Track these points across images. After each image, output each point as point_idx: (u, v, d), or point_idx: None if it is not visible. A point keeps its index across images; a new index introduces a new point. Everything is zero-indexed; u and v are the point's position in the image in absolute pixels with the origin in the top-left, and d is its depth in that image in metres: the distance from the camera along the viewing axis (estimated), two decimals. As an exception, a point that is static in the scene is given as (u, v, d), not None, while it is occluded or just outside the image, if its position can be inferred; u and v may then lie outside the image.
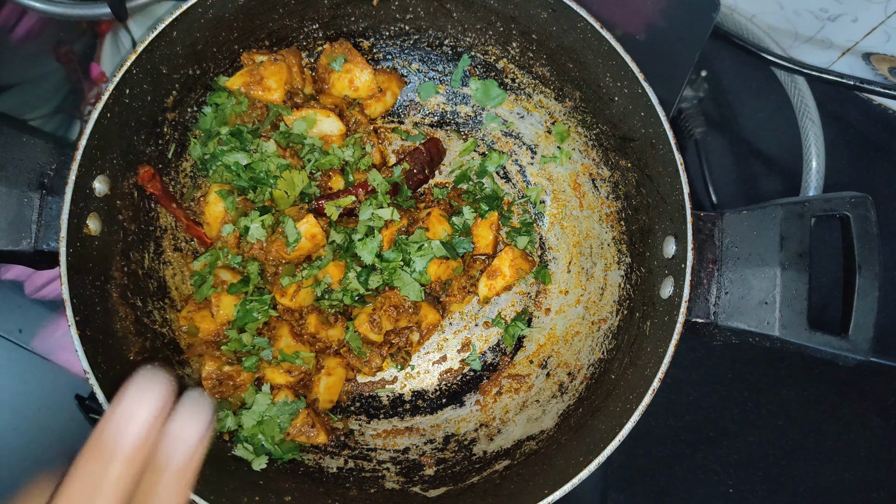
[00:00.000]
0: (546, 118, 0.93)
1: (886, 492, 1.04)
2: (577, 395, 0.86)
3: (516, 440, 0.86)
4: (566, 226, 0.95)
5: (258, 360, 0.83)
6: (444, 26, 0.90)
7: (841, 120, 1.11)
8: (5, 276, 0.96)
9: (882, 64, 1.02)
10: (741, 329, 0.74)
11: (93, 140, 0.73)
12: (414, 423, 0.91)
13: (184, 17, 0.77)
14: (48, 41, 1.01)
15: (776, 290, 0.73)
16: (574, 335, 0.91)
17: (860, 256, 0.73)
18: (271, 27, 0.87)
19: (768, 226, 0.74)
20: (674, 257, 0.76)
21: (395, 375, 0.93)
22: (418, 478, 0.85)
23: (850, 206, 0.74)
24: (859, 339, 0.72)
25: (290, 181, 0.83)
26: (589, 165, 0.92)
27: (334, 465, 0.86)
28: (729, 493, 1.05)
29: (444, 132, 0.97)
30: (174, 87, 0.83)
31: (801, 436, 1.06)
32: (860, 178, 1.10)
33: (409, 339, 0.90)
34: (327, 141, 0.88)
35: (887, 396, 1.06)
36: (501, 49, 0.90)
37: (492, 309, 0.95)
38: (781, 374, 1.07)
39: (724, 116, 1.12)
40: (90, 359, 0.69)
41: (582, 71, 0.84)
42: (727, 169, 1.11)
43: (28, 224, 0.74)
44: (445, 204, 0.92)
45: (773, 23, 1.06)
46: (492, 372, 0.93)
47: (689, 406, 1.07)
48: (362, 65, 0.89)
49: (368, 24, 0.91)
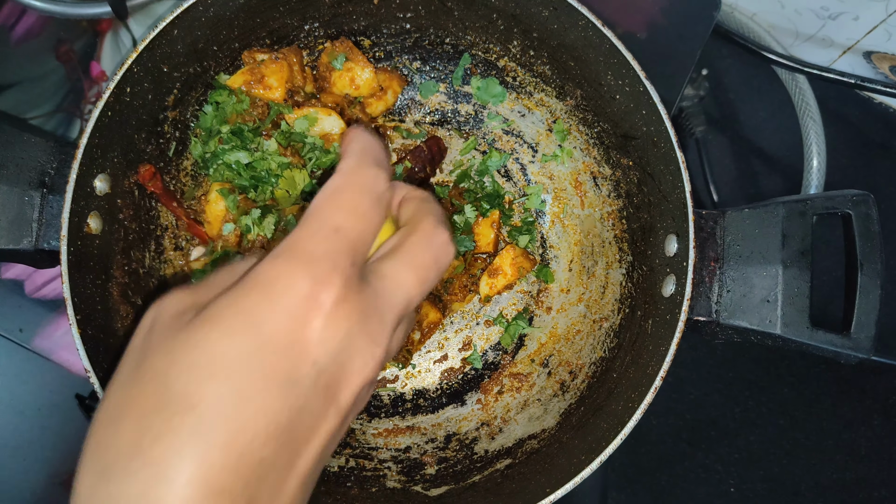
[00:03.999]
0: (547, 116, 0.93)
1: (887, 490, 1.04)
2: (579, 394, 0.86)
3: (518, 439, 0.86)
4: (567, 224, 0.95)
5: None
6: (445, 25, 0.90)
7: (842, 118, 1.11)
8: (6, 275, 0.96)
9: (883, 62, 1.02)
10: (743, 327, 0.74)
11: (93, 139, 0.73)
12: (415, 422, 0.91)
13: (184, 15, 0.77)
14: (48, 40, 1.01)
15: (778, 288, 0.73)
16: (575, 334, 0.91)
17: (862, 254, 0.73)
18: (272, 25, 0.86)
19: (770, 224, 0.74)
20: (675, 255, 0.76)
21: (397, 374, 0.93)
22: (420, 477, 0.85)
23: (852, 204, 0.74)
24: (861, 338, 0.72)
25: (291, 180, 0.83)
26: (590, 164, 0.91)
27: (335, 465, 0.86)
28: (730, 492, 1.05)
29: (446, 130, 0.97)
30: (175, 86, 0.83)
31: (803, 434, 1.06)
32: (861, 176, 1.10)
33: (411, 337, 0.90)
34: (328, 139, 0.88)
35: (889, 395, 1.06)
36: (502, 47, 0.90)
37: (493, 307, 0.95)
38: (783, 373, 1.07)
39: (725, 115, 1.12)
40: (91, 358, 0.69)
41: (583, 69, 0.84)
42: (728, 167, 1.11)
43: (29, 223, 0.74)
44: (447, 202, 0.92)
45: (774, 21, 1.06)
46: (493, 371, 0.93)
47: (691, 405, 1.07)
48: (363, 63, 0.89)
49: (369, 23, 0.91)
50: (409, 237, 0.47)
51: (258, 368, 0.38)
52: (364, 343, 0.41)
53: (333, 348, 0.40)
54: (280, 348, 0.39)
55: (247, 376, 0.38)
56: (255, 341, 0.38)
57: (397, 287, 0.44)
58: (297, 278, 0.40)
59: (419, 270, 0.45)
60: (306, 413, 0.39)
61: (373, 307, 0.42)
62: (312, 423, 0.40)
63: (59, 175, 0.75)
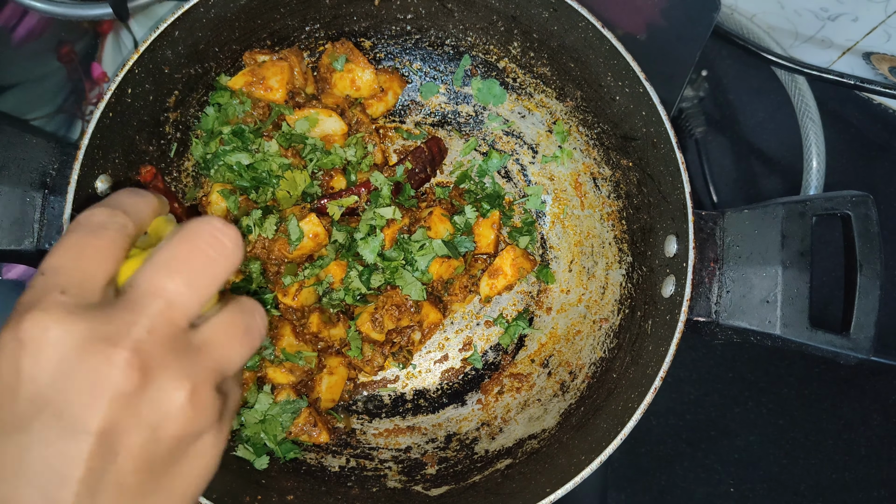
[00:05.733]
0: (547, 117, 0.94)
1: (887, 490, 1.04)
2: (579, 394, 0.86)
3: (518, 439, 0.86)
4: (567, 225, 0.95)
5: (260, 360, 0.83)
6: (445, 26, 0.90)
7: (841, 119, 1.11)
8: (8, 275, 0.96)
9: (882, 63, 1.03)
10: (743, 328, 0.74)
11: (95, 140, 0.73)
12: (416, 423, 0.91)
13: (185, 16, 0.77)
14: (50, 41, 1.01)
15: (777, 288, 0.73)
16: (575, 334, 0.91)
17: (861, 255, 0.73)
18: (273, 27, 0.87)
19: (769, 224, 0.74)
20: (675, 256, 0.76)
21: (397, 374, 0.93)
22: (420, 476, 0.85)
23: (851, 205, 0.74)
24: (860, 338, 0.72)
25: (292, 181, 0.83)
26: (590, 164, 0.92)
27: (336, 464, 0.86)
28: (730, 492, 1.05)
29: (446, 131, 0.97)
30: (176, 87, 0.83)
31: (802, 434, 1.06)
32: (861, 176, 1.11)
33: (411, 338, 0.90)
34: (329, 140, 0.88)
35: (888, 395, 1.06)
36: (503, 49, 0.90)
37: (493, 308, 0.95)
38: (782, 373, 1.07)
39: (725, 116, 1.12)
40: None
41: (583, 70, 0.84)
42: (728, 168, 1.11)
43: (30, 223, 0.74)
44: (447, 203, 0.92)
45: (774, 22, 1.06)
46: (493, 371, 0.93)
47: (690, 405, 1.07)
48: (364, 64, 0.89)
49: (370, 24, 0.91)
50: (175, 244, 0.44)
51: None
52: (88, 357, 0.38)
53: (48, 374, 0.38)
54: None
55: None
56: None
57: (147, 290, 0.41)
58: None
59: (172, 265, 0.42)
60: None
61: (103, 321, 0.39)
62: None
63: (60, 176, 0.75)
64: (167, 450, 0.40)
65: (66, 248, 0.43)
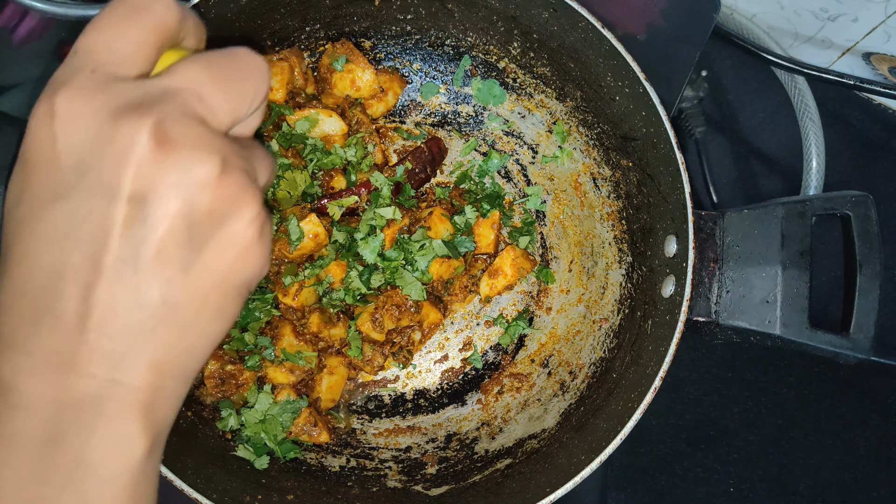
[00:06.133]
0: (547, 118, 0.94)
1: (886, 490, 1.04)
2: (579, 394, 0.86)
3: (518, 439, 0.86)
4: (567, 225, 0.95)
5: (260, 360, 0.83)
6: (445, 26, 0.91)
7: (841, 119, 1.11)
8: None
9: (882, 64, 1.03)
10: (742, 328, 0.74)
11: (95, 140, 0.73)
12: (416, 422, 0.91)
13: (186, 17, 0.77)
14: (50, 42, 1.01)
15: (777, 288, 0.73)
16: (575, 334, 0.91)
17: (861, 255, 0.73)
18: (273, 27, 0.87)
19: (769, 225, 0.74)
20: (675, 256, 0.76)
21: (397, 374, 0.93)
22: (420, 476, 0.85)
23: (851, 205, 0.74)
24: (860, 338, 0.72)
25: (292, 181, 0.83)
26: (590, 165, 0.92)
27: (336, 464, 0.86)
28: (729, 492, 1.05)
29: (446, 132, 0.97)
30: (176, 87, 0.83)
31: (801, 434, 1.06)
32: (860, 177, 1.11)
33: (411, 338, 0.90)
34: (329, 141, 0.88)
35: (888, 395, 1.06)
36: (503, 49, 0.91)
37: (493, 308, 0.95)
38: (782, 373, 1.07)
39: (725, 116, 1.13)
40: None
41: (583, 71, 0.84)
42: (727, 168, 1.12)
43: (31, 224, 0.74)
44: (447, 203, 0.92)
45: (774, 23, 1.06)
46: (493, 371, 0.93)
47: (690, 405, 1.07)
48: (364, 65, 0.89)
49: (370, 24, 0.91)
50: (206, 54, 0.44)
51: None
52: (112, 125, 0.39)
53: (80, 141, 0.39)
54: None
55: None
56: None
57: (179, 78, 0.41)
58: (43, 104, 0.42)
59: (213, 67, 0.42)
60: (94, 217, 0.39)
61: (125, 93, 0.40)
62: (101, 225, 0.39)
63: (61, 176, 0.75)
64: (201, 221, 0.41)
65: (100, 29, 0.43)
